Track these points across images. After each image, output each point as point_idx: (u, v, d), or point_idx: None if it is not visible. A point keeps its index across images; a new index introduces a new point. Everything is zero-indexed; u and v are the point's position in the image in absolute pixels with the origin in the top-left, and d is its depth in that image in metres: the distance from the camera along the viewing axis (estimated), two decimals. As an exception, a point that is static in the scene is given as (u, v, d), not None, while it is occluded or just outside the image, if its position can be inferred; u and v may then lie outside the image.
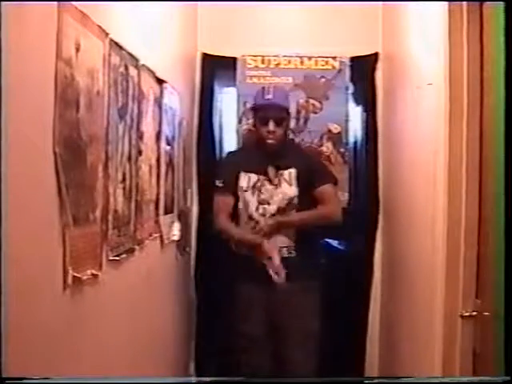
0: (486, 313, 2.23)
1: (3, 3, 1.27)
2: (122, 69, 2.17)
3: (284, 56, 4.10)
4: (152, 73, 2.64)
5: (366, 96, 4.09)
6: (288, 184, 3.34)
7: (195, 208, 4.05)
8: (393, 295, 3.64)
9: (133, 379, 2.17)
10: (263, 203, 3.34)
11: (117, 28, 2.08)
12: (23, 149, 1.41)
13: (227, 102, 4.15)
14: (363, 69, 4.08)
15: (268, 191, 3.34)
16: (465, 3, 2.36)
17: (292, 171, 3.36)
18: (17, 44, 1.35)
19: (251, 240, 3.29)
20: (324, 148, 4.09)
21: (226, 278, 3.51)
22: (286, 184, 3.34)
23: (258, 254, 3.21)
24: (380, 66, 4.04)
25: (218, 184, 3.42)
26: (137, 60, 2.37)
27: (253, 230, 3.32)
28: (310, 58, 4.09)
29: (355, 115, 4.12)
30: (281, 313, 3.34)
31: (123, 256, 2.22)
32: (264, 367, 3.32)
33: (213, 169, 4.03)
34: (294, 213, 3.35)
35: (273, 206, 3.34)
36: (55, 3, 1.58)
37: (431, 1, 2.65)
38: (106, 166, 2.00)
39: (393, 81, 3.71)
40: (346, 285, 3.95)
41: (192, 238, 4.04)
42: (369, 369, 4.04)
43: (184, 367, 3.89)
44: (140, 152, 2.47)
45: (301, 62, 4.10)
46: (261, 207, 3.34)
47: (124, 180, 2.24)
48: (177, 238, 3.33)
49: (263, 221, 3.32)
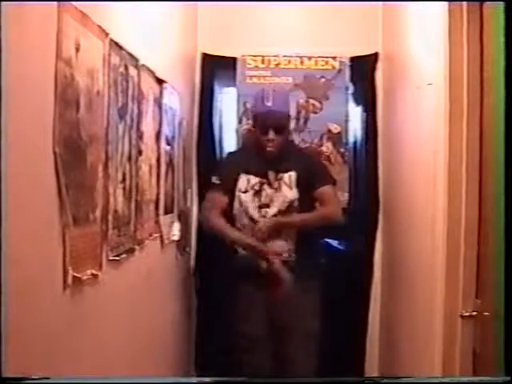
0: (486, 313, 2.23)
1: (3, 3, 1.28)
2: (122, 69, 2.17)
3: (284, 56, 4.10)
4: (152, 73, 2.64)
5: (366, 96, 4.09)
6: (288, 187, 3.33)
7: (195, 208, 4.05)
8: (393, 295, 3.64)
9: (133, 379, 2.17)
10: (263, 206, 3.33)
11: (117, 28, 2.09)
12: (23, 149, 1.41)
13: (227, 102, 4.14)
14: (363, 69, 4.08)
15: (268, 195, 3.33)
16: (465, 3, 2.36)
17: (292, 174, 3.34)
18: (17, 44, 1.35)
19: (250, 243, 3.28)
20: (324, 148, 4.09)
21: (226, 278, 3.51)
22: (286, 187, 3.33)
23: (258, 257, 3.22)
24: (380, 66, 4.04)
25: (215, 181, 3.40)
26: (137, 60, 2.37)
27: (252, 231, 3.31)
28: (310, 58, 4.09)
29: (355, 115, 4.12)
30: (281, 313, 3.34)
31: (123, 256, 2.22)
32: (264, 367, 3.32)
33: (213, 169, 4.04)
34: (295, 214, 3.35)
35: (273, 209, 3.32)
36: (55, 3, 1.58)
37: (431, 1, 2.65)
38: (106, 166, 2.00)
39: (393, 81, 3.71)
40: (346, 285, 3.95)
41: (192, 238, 4.04)
42: (369, 369, 4.04)
43: (184, 367, 3.89)
44: (140, 152, 2.47)
45: (301, 62, 4.10)
46: (262, 210, 3.33)
47: (124, 180, 2.24)
48: (177, 238, 3.33)
49: (262, 221, 3.31)
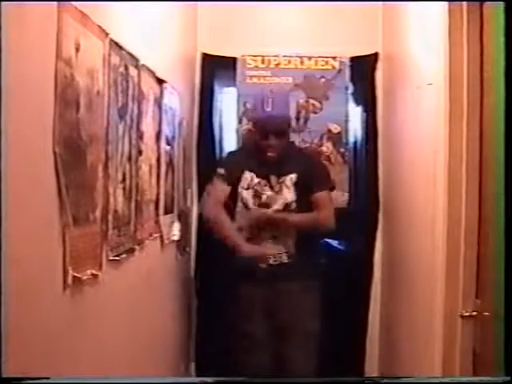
0: (486, 313, 2.23)
1: (3, 3, 1.27)
2: (122, 69, 2.17)
3: (284, 56, 4.10)
4: (152, 73, 2.64)
5: (366, 96, 4.09)
6: (288, 189, 3.32)
7: (195, 208, 4.05)
8: (393, 295, 3.64)
9: (133, 379, 2.17)
10: (263, 206, 3.33)
11: (117, 28, 2.08)
12: (23, 149, 1.41)
13: (227, 102, 4.14)
14: (363, 69, 4.08)
15: (268, 196, 3.33)
16: (465, 3, 2.36)
17: (293, 176, 3.33)
18: (17, 44, 1.35)
19: (238, 244, 3.25)
20: (324, 148, 4.09)
21: (226, 278, 3.51)
22: (287, 189, 3.32)
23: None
24: (380, 66, 4.04)
25: (220, 171, 3.38)
26: (137, 60, 2.37)
27: (246, 220, 3.31)
28: (310, 58, 4.09)
29: (355, 115, 4.12)
30: (281, 313, 3.34)
31: (123, 256, 2.22)
32: (264, 367, 3.32)
33: (213, 168, 4.04)
34: (292, 214, 3.34)
35: (272, 209, 3.33)
36: (55, 3, 1.58)
37: (431, 1, 2.65)
38: (106, 166, 2.00)
39: (393, 81, 3.71)
40: (346, 285, 3.95)
41: (192, 238, 4.04)
42: (369, 369, 4.05)
43: (184, 367, 3.89)
44: (140, 152, 2.47)
45: (301, 62, 4.10)
46: (261, 209, 3.33)
47: (124, 180, 2.24)
48: (177, 238, 3.32)
49: (259, 212, 3.31)
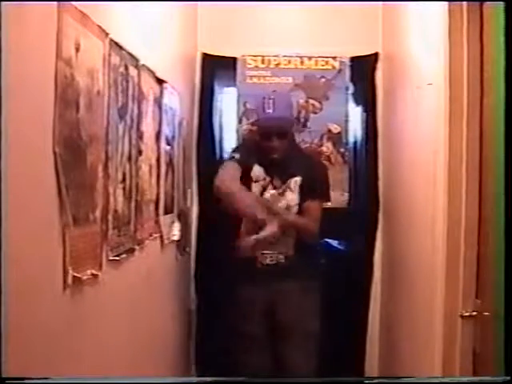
0: (486, 313, 2.23)
1: (3, 3, 1.27)
2: (122, 69, 2.17)
3: (284, 56, 4.09)
4: (152, 73, 2.64)
5: (366, 96, 4.09)
6: (292, 192, 3.31)
7: (195, 208, 4.05)
8: (393, 295, 3.64)
9: (133, 379, 2.17)
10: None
11: (117, 28, 2.08)
12: (23, 149, 1.41)
13: (227, 102, 4.14)
14: (363, 69, 4.08)
15: (272, 195, 3.32)
16: (465, 3, 2.36)
17: (297, 179, 3.31)
18: (17, 44, 1.35)
19: (255, 211, 3.10)
20: (324, 148, 4.09)
21: (226, 278, 3.51)
22: (290, 192, 3.31)
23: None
24: (380, 66, 4.04)
25: (234, 155, 3.34)
26: (137, 60, 2.37)
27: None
28: (310, 58, 4.09)
29: (355, 115, 4.12)
30: (281, 313, 3.34)
31: (123, 256, 2.22)
32: (264, 367, 3.32)
33: (213, 169, 4.03)
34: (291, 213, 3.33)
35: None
36: (55, 3, 1.58)
37: (431, 1, 2.65)
38: (106, 166, 2.00)
39: (393, 81, 3.71)
40: (346, 285, 3.95)
41: (192, 238, 4.04)
42: (369, 369, 4.05)
43: (184, 367, 3.89)
44: (140, 152, 2.47)
45: (301, 62, 4.10)
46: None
47: (124, 180, 2.24)
48: (177, 238, 3.32)
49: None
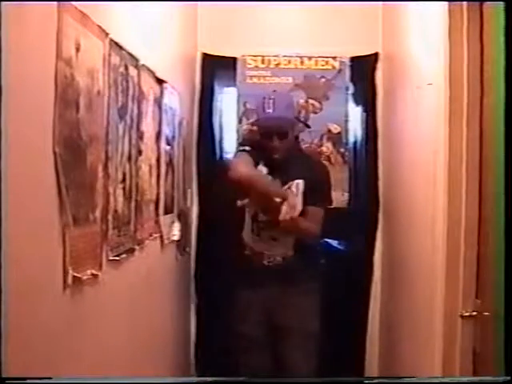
0: (486, 313, 2.23)
1: (3, 3, 1.28)
2: (122, 69, 2.17)
3: (284, 56, 4.10)
4: (152, 73, 2.64)
5: (366, 96, 4.09)
6: (294, 196, 3.28)
7: (195, 208, 4.05)
8: (393, 295, 3.64)
9: (133, 379, 2.17)
10: None
11: (117, 28, 2.08)
12: (23, 149, 1.41)
13: (227, 102, 4.14)
14: (363, 69, 4.08)
15: None
16: (465, 3, 2.36)
17: (300, 182, 3.26)
18: (17, 44, 1.35)
19: (272, 190, 3.14)
20: (324, 148, 4.09)
21: (226, 278, 3.51)
22: (291, 195, 3.28)
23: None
24: (380, 66, 4.04)
25: (244, 148, 3.30)
26: (137, 60, 2.37)
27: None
28: (310, 58, 4.09)
29: (355, 115, 4.12)
30: (281, 313, 3.33)
31: (123, 256, 2.22)
32: (264, 367, 3.32)
33: (213, 169, 4.04)
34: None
35: None
36: (55, 3, 1.58)
37: (431, 1, 2.65)
38: (106, 166, 2.00)
39: (393, 81, 3.71)
40: (346, 285, 3.95)
41: (192, 238, 4.04)
42: (369, 369, 4.05)
43: (184, 367, 3.89)
44: (140, 152, 2.47)
45: (301, 62, 4.10)
46: None
47: (124, 180, 2.24)
48: (177, 238, 3.32)
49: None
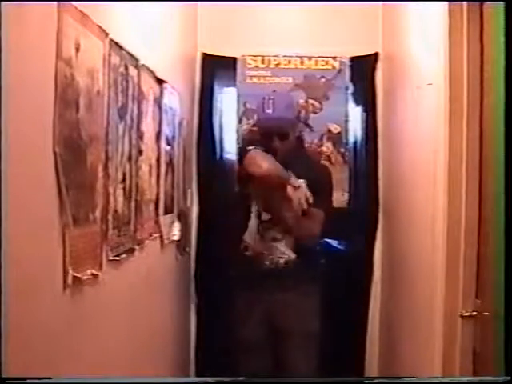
0: (486, 313, 2.23)
1: (3, 3, 1.28)
2: (122, 69, 2.17)
3: (284, 56, 4.10)
4: (152, 73, 2.64)
5: (366, 96, 4.09)
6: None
7: (195, 208, 4.05)
8: (393, 295, 3.64)
9: (133, 379, 2.17)
10: None
11: (117, 28, 2.08)
12: (23, 149, 1.41)
13: (227, 102, 4.14)
14: (363, 69, 4.08)
15: None
16: (465, 3, 2.36)
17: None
18: (17, 44, 1.35)
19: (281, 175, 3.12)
20: (324, 148, 4.09)
21: (226, 279, 3.51)
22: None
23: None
24: (380, 66, 4.04)
25: (256, 146, 3.21)
26: (137, 60, 2.37)
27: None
28: (310, 58, 4.09)
29: (355, 115, 4.12)
30: (281, 313, 3.33)
31: (123, 256, 2.22)
32: (264, 367, 3.31)
33: (213, 169, 4.04)
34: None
35: None
36: (55, 3, 1.58)
37: (431, 1, 2.65)
38: (106, 166, 2.00)
39: (393, 81, 3.71)
40: (346, 285, 3.95)
41: (192, 238, 4.04)
42: (369, 369, 4.05)
43: (184, 367, 3.89)
44: (140, 152, 2.47)
45: (301, 62, 4.10)
46: None
47: (124, 180, 2.24)
48: (177, 238, 3.32)
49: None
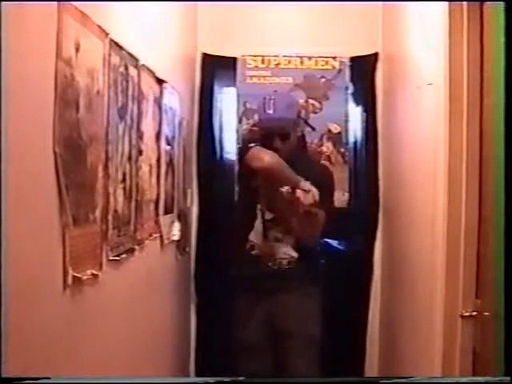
0: (486, 313, 2.23)
1: (3, 3, 1.28)
2: (122, 69, 2.17)
3: (284, 56, 4.10)
4: (152, 73, 2.64)
5: (366, 96, 4.09)
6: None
7: (195, 208, 4.05)
8: (393, 295, 3.64)
9: (133, 379, 2.17)
10: None
11: (117, 28, 2.08)
12: (23, 149, 1.41)
13: (227, 102, 4.14)
14: (363, 69, 4.08)
15: None
16: (465, 3, 2.36)
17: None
18: (17, 44, 1.35)
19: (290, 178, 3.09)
20: (324, 148, 4.09)
21: (226, 278, 3.51)
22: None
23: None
24: (380, 66, 4.04)
25: (257, 144, 3.19)
26: (137, 60, 2.37)
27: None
28: (310, 58, 4.09)
29: (355, 115, 4.12)
30: (281, 313, 3.33)
31: (123, 256, 2.22)
32: (264, 368, 3.31)
33: (213, 169, 4.05)
34: None
35: None
36: (55, 3, 1.58)
37: (431, 1, 2.65)
38: (106, 166, 2.00)
39: (393, 81, 3.71)
40: (346, 285, 3.95)
41: (192, 238, 4.04)
42: (369, 369, 4.05)
43: (184, 367, 3.89)
44: (140, 152, 2.47)
45: (301, 62, 4.10)
46: None
47: (124, 180, 2.24)
48: (177, 238, 3.32)
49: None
